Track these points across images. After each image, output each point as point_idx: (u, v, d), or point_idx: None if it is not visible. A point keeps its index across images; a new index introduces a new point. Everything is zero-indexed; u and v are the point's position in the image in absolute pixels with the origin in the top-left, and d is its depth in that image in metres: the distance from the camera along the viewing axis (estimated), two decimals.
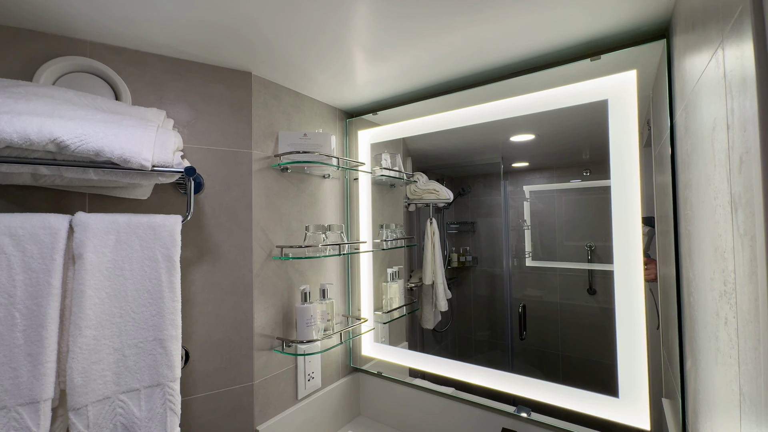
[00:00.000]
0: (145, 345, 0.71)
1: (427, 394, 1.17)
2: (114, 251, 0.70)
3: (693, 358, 0.65)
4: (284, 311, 1.08)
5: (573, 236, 1.10)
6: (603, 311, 1.06)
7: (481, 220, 1.49)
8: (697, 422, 0.63)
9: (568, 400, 0.90)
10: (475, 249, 1.51)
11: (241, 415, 0.96)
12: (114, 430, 0.67)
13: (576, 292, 1.07)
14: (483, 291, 1.45)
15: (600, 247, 1.02)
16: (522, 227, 1.33)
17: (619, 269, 0.83)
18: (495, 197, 1.49)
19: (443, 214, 1.57)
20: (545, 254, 1.20)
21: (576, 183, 1.13)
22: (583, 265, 1.07)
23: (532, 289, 1.20)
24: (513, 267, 1.28)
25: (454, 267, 1.58)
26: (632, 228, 0.81)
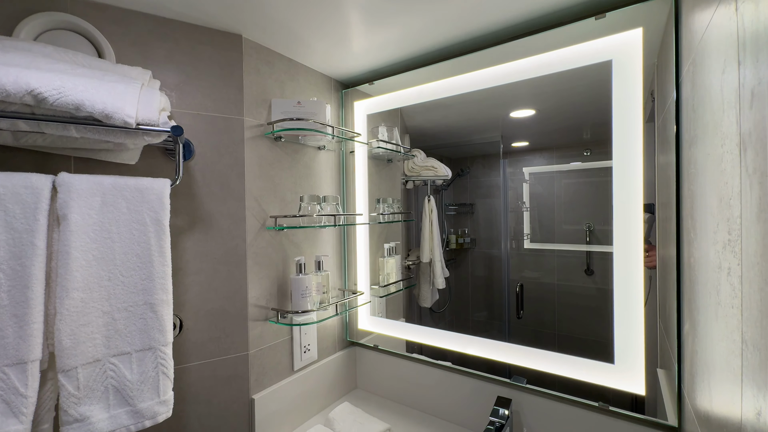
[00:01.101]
0: (135, 309, 0.70)
1: (423, 367, 1.17)
2: (100, 213, 0.68)
3: (691, 320, 0.64)
4: (279, 283, 1.07)
5: (572, 218, 1.08)
6: (600, 292, 1.05)
7: (479, 202, 1.47)
8: (694, 383, 0.62)
9: (563, 367, 0.90)
10: (474, 231, 1.49)
11: (236, 384, 0.96)
12: (105, 392, 0.66)
13: (573, 273, 1.06)
14: (481, 272, 1.44)
15: (599, 229, 1.00)
16: (521, 209, 1.32)
17: (618, 237, 0.82)
18: (494, 178, 1.47)
19: (441, 196, 1.55)
20: (544, 236, 1.19)
21: (576, 164, 1.11)
22: (581, 246, 1.05)
23: (530, 270, 1.19)
24: (511, 249, 1.27)
25: (452, 248, 1.57)
26: (634, 196, 0.79)
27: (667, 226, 0.76)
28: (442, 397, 1.13)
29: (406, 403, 1.21)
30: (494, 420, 0.90)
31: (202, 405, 0.91)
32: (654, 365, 0.81)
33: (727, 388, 0.44)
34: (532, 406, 0.97)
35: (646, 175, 0.79)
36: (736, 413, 0.41)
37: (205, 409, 0.92)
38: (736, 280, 0.41)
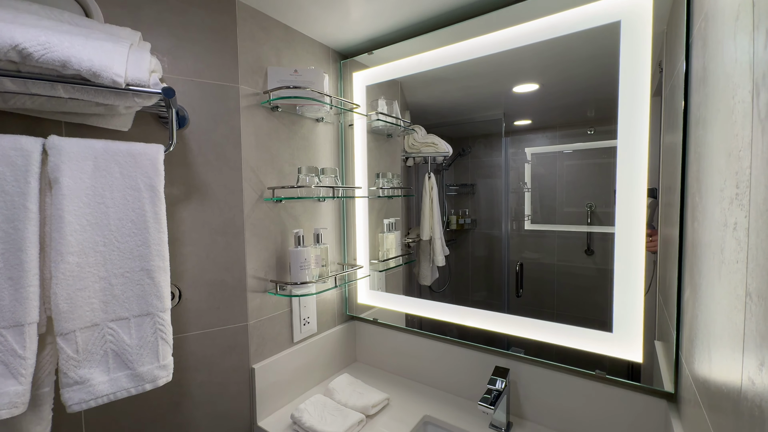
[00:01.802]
0: (132, 275, 0.69)
1: (422, 340, 1.18)
2: (92, 178, 0.66)
3: (692, 286, 0.63)
4: (278, 255, 1.06)
5: (573, 199, 1.07)
6: (600, 272, 1.04)
7: (480, 182, 1.45)
8: (692, 349, 0.62)
9: (561, 337, 0.90)
10: (474, 211, 1.48)
11: (236, 354, 0.97)
12: (105, 356, 0.67)
13: (573, 254, 1.05)
14: (481, 253, 1.43)
15: (601, 210, 0.99)
16: (522, 190, 1.30)
17: (622, 206, 0.80)
18: (495, 158, 1.44)
19: (442, 176, 1.53)
20: (544, 217, 1.17)
21: (579, 144, 1.09)
22: (582, 227, 1.04)
23: (530, 251, 1.18)
24: (512, 230, 1.25)
25: (452, 229, 1.55)
26: (639, 172, 0.78)
27: (669, 210, 0.75)
28: (441, 369, 1.14)
29: (406, 375, 1.23)
30: (491, 388, 0.91)
31: (203, 373, 0.92)
32: (652, 337, 0.82)
33: (728, 346, 0.44)
34: (530, 375, 0.97)
35: (651, 157, 0.77)
36: (736, 372, 0.41)
37: (206, 377, 0.93)
38: (743, 234, 0.40)
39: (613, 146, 0.82)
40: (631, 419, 0.84)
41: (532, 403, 0.97)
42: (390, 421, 0.99)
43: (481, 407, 0.85)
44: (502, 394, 0.91)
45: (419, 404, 1.07)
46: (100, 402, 0.65)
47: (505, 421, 0.94)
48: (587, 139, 1.07)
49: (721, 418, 0.45)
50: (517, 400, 1.00)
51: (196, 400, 0.92)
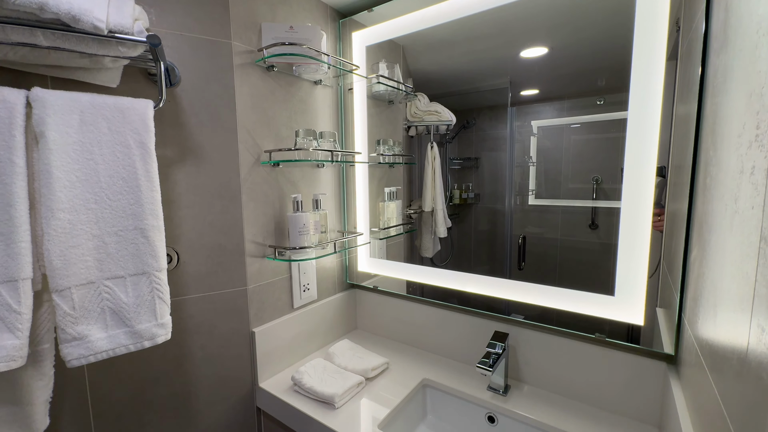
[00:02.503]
0: (125, 234, 0.68)
1: (423, 307, 1.18)
2: (79, 132, 0.64)
3: (700, 245, 0.61)
4: (276, 221, 1.05)
5: (580, 174, 1.03)
6: (603, 246, 1.02)
7: (485, 155, 1.41)
8: (696, 308, 0.60)
9: (562, 302, 0.90)
10: (478, 186, 1.44)
11: (236, 317, 0.97)
12: (102, 313, 0.67)
13: (577, 228, 1.02)
14: (484, 227, 1.41)
15: (608, 185, 0.95)
16: (527, 164, 1.26)
17: (629, 170, 0.77)
18: (500, 131, 1.40)
19: (446, 149, 1.49)
20: (549, 192, 1.14)
21: (588, 117, 1.04)
22: (587, 202, 1.01)
23: (533, 226, 1.15)
24: (515, 205, 1.23)
25: (456, 204, 1.53)
26: (650, 139, 0.74)
27: (678, 189, 0.72)
28: (441, 336, 1.15)
29: (406, 341, 1.24)
30: (490, 351, 0.91)
31: (203, 335, 0.93)
32: (654, 303, 0.80)
33: (735, 301, 0.42)
34: (529, 340, 0.97)
35: (661, 134, 0.74)
36: (743, 327, 0.39)
37: (206, 339, 0.94)
38: (761, 177, 0.37)
39: (623, 118, 0.78)
40: (629, 381, 0.84)
41: (531, 367, 0.98)
42: (389, 384, 1.00)
43: (480, 369, 0.85)
44: (501, 357, 0.92)
45: (418, 368, 1.08)
46: (99, 357, 0.66)
47: (503, 384, 0.95)
48: (596, 110, 1.02)
49: (724, 377, 0.44)
50: (516, 364, 1.00)
51: (197, 362, 0.93)
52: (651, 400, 0.81)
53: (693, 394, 0.60)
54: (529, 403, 0.91)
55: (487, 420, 0.93)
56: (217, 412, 0.97)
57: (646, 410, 0.82)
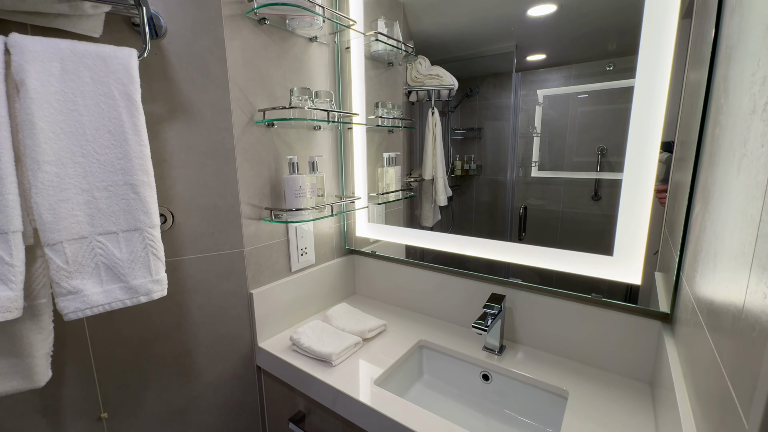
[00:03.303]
0: (115, 189, 0.67)
1: (421, 271, 1.18)
2: (61, 81, 0.62)
3: (704, 200, 0.59)
4: (272, 183, 1.03)
5: (584, 147, 0.99)
6: (605, 218, 1.01)
7: (488, 125, 1.36)
8: (696, 264, 0.59)
9: (561, 263, 0.89)
10: (480, 157, 1.41)
11: (234, 279, 0.97)
12: (96, 268, 0.67)
13: (580, 200, 1.00)
14: (485, 198, 1.39)
15: (613, 158, 0.92)
16: (531, 134, 1.22)
17: (635, 126, 0.74)
18: (505, 99, 1.35)
19: (448, 118, 1.44)
20: (553, 164, 1.11)
21: (595, 85, 0.99)
22: (591, 174, 0.98)
23: (535, 198, 1.13)
24: (517, 177, 1.20)
25: (457, 175, 1.50)
26: (656, 109, 0.71)
27: (682, 164, 0.69)
28: (439, 299, 1.16)
29: (404, 306, 1.25)
30: (486, 312, 0.91)
31: (201, 295, 0.94)
32: (652, 268, 0.79)
33: (738, 246, 0.40)
34: (526, 302, 0.98)
35: (671, 109, 0.70)
36: (743, 277, 0.38)
37: (204, 299, 0.95)
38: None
39: (632, 86, 0.75)
40: (623, 341, 0.84)
41: (526, 328, 0.99)
42: (386, 344, 1.02)
43: (475, 329, 0.86)
44: (497, 318, 0.92)
45: (416, 330, 1.09)
46: (95, 311, 0.66)
47: (498, 345, 0.96)
48: (605, 77, 0.97)
49: (721, 328, 0.43)
50: (512, 325, 1.01)
51: (196, 321, 0.94)
52: (644, 358, 0.82)
53: (686, 350, 0.60)
54: (524, 361, 0.92)
55: (482, 378, 0.95)
56: (219, 370, 0.99)
57: (639, 368, 0.83)
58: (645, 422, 0.72)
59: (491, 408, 0.93)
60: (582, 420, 0.73)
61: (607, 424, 0.72)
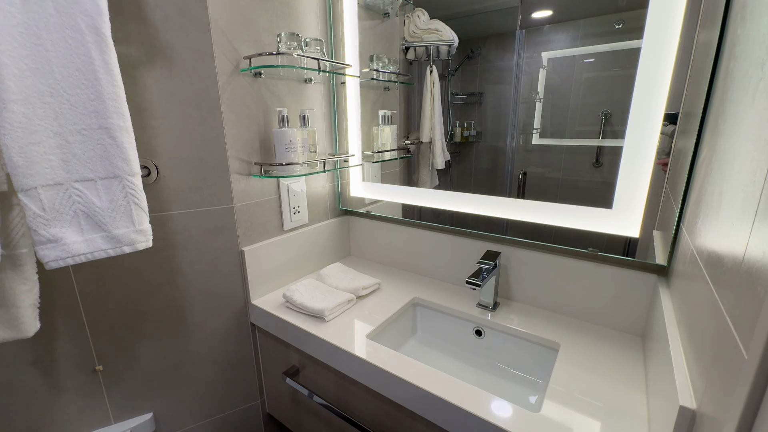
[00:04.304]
0: (90, 133, 0.63)
1: (417, 230, 1.17)
2: (23, 12, 0.57)
3: (711, 142, 0.56)
4: (261, 138, 0.99)
5: (588, 113, 0.94)
6: (605, 185, 0.98)
7: (489, 90, 1.30)
8: (699, 210, 0.57)
9: (558, 217, 0.87)
10: (480, 123, 1.35)
11: (224, 235, 0.96)
12: (75, 216, 0.64)
13: (581, 167, 0.97)
14: (484, 166, 1.35)
15: (618, 127, 0.87)
16: (533, 100, 1.16)
17: (642, 78, 0.70)
18: (507, 61, 1.27)
19: (448, 82, 1.38)
20: (554, 131, 1.06)
21: (603, 46, 0.92)
22: (593, 141, 0.94)
23: (535, 166, 1.09)
24: (518, 144, 1.15)
25: (456, 142, 1.45)
26: (663, 69, 0.65)
27: (686, 134, 0.65)
28: (434, 258, 1.15)
29: (399, 266, 1.24)
30: (481, 267, 0.90)
31: (191, 252, 0.92)
32: (651, 224, 0.77)
33: (747, 175, 0.38)
34: (521, 259, 0.97)
35: (674, 84, 0.65)
36: (751, 207, 0.35)
37: (195, 256, 0.93)
38: None
39: (640, 47, 0.70)
40: (617, 295, 0.84)
41: (521, 285, 0.98)
42: (380, 302, 1.02)
43: (469, 284, 0.85)
44: (491, 273, 0.91)
45: (410, 289, 1.09)
46: (77, 260, 0.64)
47: (492, 302, 0.96)
48: (613, 37, 0.91)
49: (721, 272, 0.42)
50: (506, 283, 1.01)
51: (187, 277, 0.93)
52: (637, 312, 0.82)
53: (682, 297, 0.59)
54: (517, 317, 0.92)
55: (475, 334, 0.96)
56: (213, 326, 0.99)
57: (632, 322, 0.83)
58: (634, 369, 0.72)
59: (483, 362, 0.94)
60: (572, 368, 0.73)
61: (597, 371, 0.72)
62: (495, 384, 0.87)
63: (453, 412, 0.64)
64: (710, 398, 0.38)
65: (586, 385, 0.68)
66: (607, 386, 0.68)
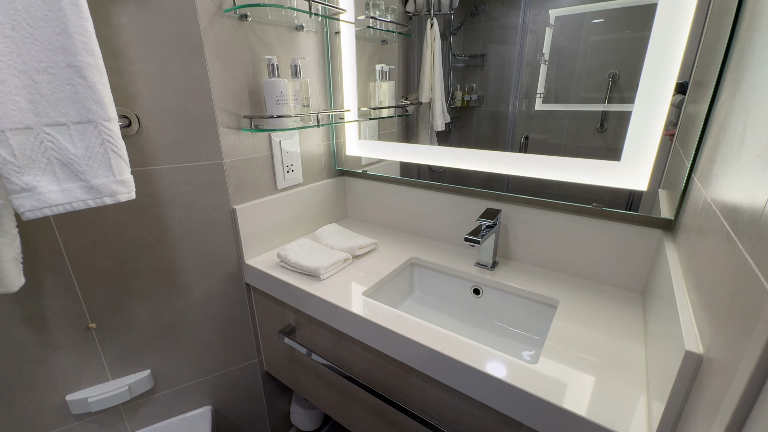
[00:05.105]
0: (58, 72, 0.58)
1: (414, 190, 1.13)
2: None
3: (734, 83, 0.51)
4: (250, 89, 0.93)
5: (595, 76, 0.87)
6: (610, 151, 0.94)
7: (492, 51, 1.22)
8: (715, 155, 0.53)
9: (562, 171, 0.83)
10: (482, 87, 1.28)
11: (214, 192, 0.92)
12: (49, 164, 0.60)
13: (584, 132, 0.92)
14: (485, 131, 1.29)
15: (624, 84, 0.80)
16: (538, 62, 1.09)
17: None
18: (513, 19, 1.18)
19: (450, 43, 1.29)
20: (558, 96, 1.00)
21: (615, 2, 0.84)
22: (598, 106, 0.88)
23: (537, 133, 1.04)
24: (520, 110, 1.09)
25: (457, 107, 1.38)
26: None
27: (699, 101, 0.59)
28: (433, 219, 1.12)
29: (397, 227, 1.22)
30: (480, 224, 0.88)
31: (180, 209, 0.89)
32: (656, 182, 0.73)
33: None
34: (521, 218, 0.94)
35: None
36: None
37: (184, 213, 0.90)
38: None
39: (653, 3, 0.64)
40: (619, 252, 0.82)
41: (521, 244, 0.96)
42: (376, 261, 1.00)
43: (468, 241, 0.82)
44: (491, 231, 0.89)
45: (407, 249, 1.07)
46: (55, 211, 0.61)
47: (491, 261, 0.94)
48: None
49: (745, 223, 0.38)
50: (506, 242, 0.98)
51: (178, 236, 0.91)
52: (639, 268, 0.80)
53: (691, 252, 0.56)
54: (516, 275, 0.91)
55: (473, 293, 0.95)
56: (207, 286, 0.98)
57: (633, 278, 0.82)
58: (633, 324, 0.71)
59: (481, 321, 0.93)
60: (569, 323, 0.72)
61: (595, 325, 0.71)
62: (492, 341, 0.87)
63: (448, 365, 0.63)
64: (721, 343, 0.36)
65: (584, 340, 0.67)
66: (604, 341, 0.67)
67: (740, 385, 0.29)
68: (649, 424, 0.49)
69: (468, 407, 0.66)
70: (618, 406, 0.53)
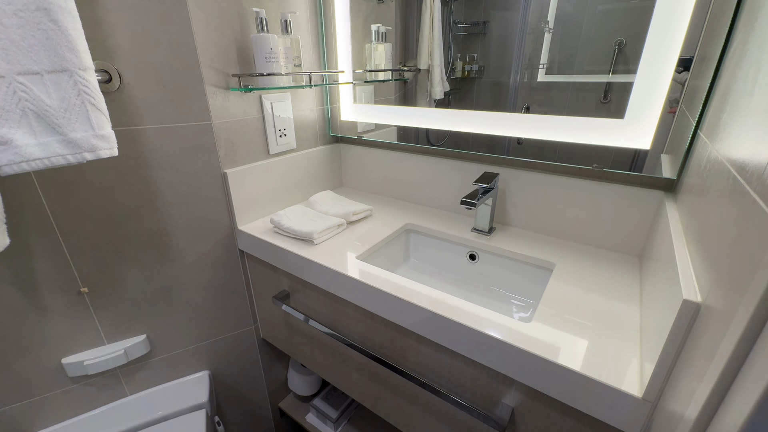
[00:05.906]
0: (27, 15, 0.54)
1: (412, 155, 1.10)
2: None
3: (748, 23, 0.48)
4: (238, 46, 0.89)
5: (600, 45, 0.82)
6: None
7: (495, 18, 1.15)
8: (724, 105, 0.50)
9: (564, 132, 0.81)
10: (483, 56, 1.22)
11: (203, 155, 0.89)
12: (24, 116, 0.57)
13: (586, 104, 0.87)
14: (485, 103, 1.24)
15: (630, 53, 0.75)
16: (542, 30, 1.02)
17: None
18: None
19: (450, 9, 1.22)
20: (562, 67, 0.94)
21: None
22: (603, 77, 0.83)
23: (539, 106, 0.99)
24: (522, 81, 1.04)
25: (457, 78, 1.32)
26: None
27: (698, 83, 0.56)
28: (430, 186, 1.10)
29: (394, 195, 1.19)
30: (477, 188, 0.86)
31: (169, 172, 0.86)
32: (660, 146, 0.71)
33: None
34: (519, 182, 0.92)
35: None
36: None
37: (174, 177, 0.87)
38: None
39: None
40: (618, 215, 0.80)
41: (518, 210, 0.94)
42: (371, 227, 0.98)
43: (464, 204, 0.80)
44: (488, 194, 0.87)
45: (403, 216, 1.05)
46: (34, 166, 0.58)
47: (488, 226, 0.93)
48: None
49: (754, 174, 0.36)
50: (503, 208, 0.97)
51: (167, 200, 0.88)
52: (638, 231, 0.79)
53: (692, 208, 0.54)
54: (512, 240, 0.89)
55: (469, 258, 0.94)
56: (199, 252, 0.97)
57: (631, 242, 0.80)
58: (629, 284, 0.70)
59: (477, 286, 0.93)
60: (565, 284, 0.71)
61: (591, 287, 0.70)
62: (488, 306, 0.87)
63: (445, 326, 0.63)
64: (720, 290, 0.35)
65: (579, 300, 0.67)
66: (600, 301, 0.66)
67: (739, 328, 0.28)
68: (641, 378, 0.49)
69: (461, 365, 0.66)
70: (612, 361, 0.52)
